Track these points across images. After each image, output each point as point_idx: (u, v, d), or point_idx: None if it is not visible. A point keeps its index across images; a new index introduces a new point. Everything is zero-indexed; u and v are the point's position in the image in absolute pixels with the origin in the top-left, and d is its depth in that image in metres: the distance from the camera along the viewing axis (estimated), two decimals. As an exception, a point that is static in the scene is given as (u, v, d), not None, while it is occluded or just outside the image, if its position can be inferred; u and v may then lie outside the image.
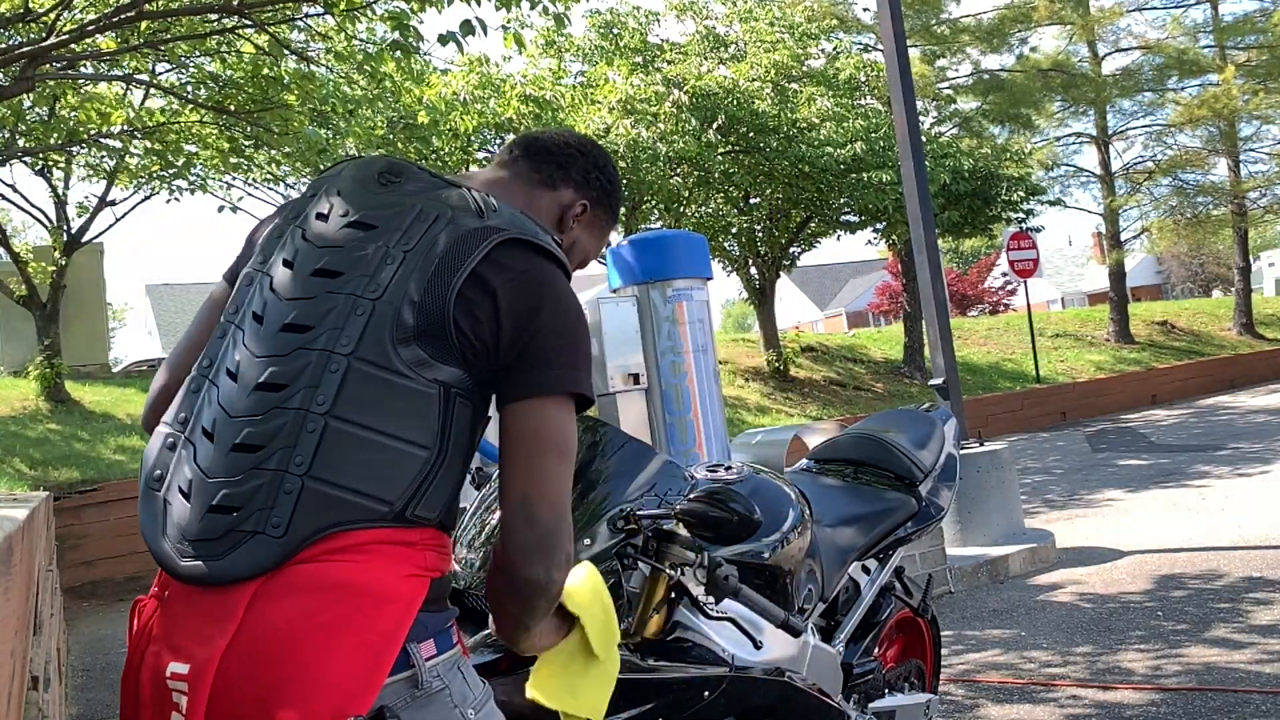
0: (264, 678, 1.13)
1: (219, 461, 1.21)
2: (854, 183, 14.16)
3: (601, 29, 14.78)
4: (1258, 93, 19.68)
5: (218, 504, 1.19)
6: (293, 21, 8.08)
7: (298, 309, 1.26)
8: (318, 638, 1.15)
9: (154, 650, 1.20)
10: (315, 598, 1.16)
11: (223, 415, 1.23)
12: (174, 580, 1.22)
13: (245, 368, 1.25)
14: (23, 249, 11.94)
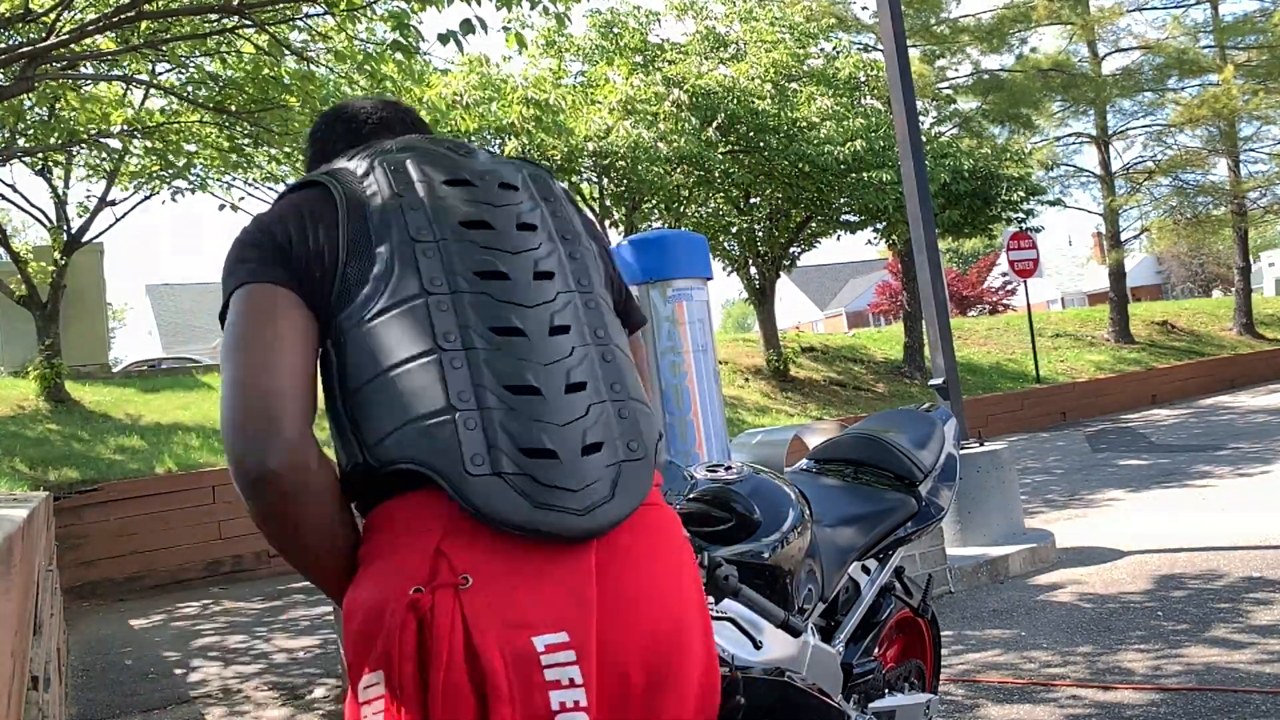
0: (643, 633, 1.12)
1: (559, 408, 1.17)
2: (854, 182, 14.16)
3: (602, 29, 14.78)
4: (1258, 93, 19.69)
5: (588, 445, 1.16)
6: (292, 21, 8.07)
7: (533, 258, 1.26)
8: (673, 582, 1.17)
9: (491, 636, 1.06)
10: (657, 541, 1.19)
11: (534, 366, 1.18)
12: (488, 553, 1.10)
13: (525, 319, 1.21)
14: (23, 249, 11.94)
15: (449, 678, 1.05)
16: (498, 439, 1.12)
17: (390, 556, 1.13)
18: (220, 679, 5.31)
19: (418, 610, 1.07)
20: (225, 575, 8.86)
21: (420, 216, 1.23)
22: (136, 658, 6.03)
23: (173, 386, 12.04)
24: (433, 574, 1.09)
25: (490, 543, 1.11)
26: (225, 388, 1.15)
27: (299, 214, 1.25)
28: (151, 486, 8.78)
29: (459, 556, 1.10)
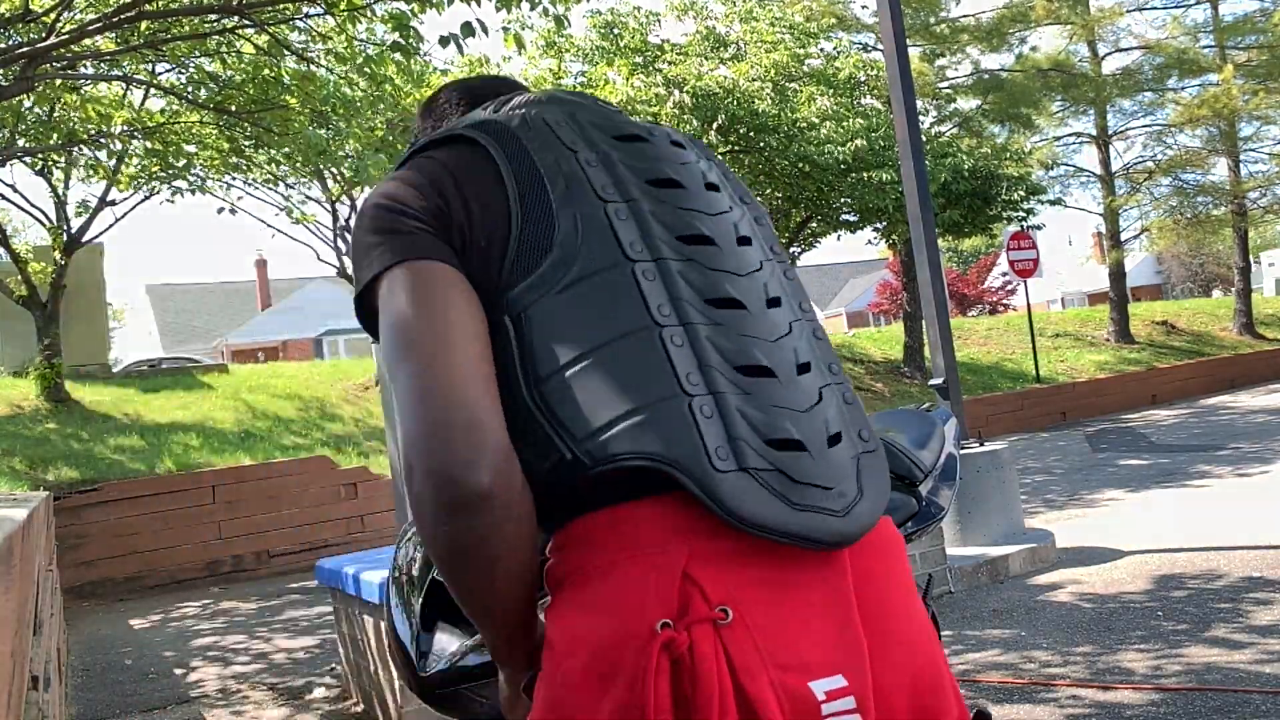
0: (907, 666, 0.94)
1: (794, 390, 0.99)
2: (854, 182, 14.17)
3: (602, 29, 14.79)
4: (1258, 93, 19.69)
5: (831, 435, 0.99)
6: (292, 22, 8.08)
7: (730, 221, 1.08)
8: (919, 613, 0.99)
9: (763, 681, 0.86)
10: (889, 556, 1.01)
11: (761, 343, 1.00)
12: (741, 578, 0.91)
13: (740, 289, 1.03)
14: (23, 249, 11.94)
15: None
16: (738, 428, 0.94)
17: (615, 580, 0.92)
18: (220, 679, 5.31)
19: (672, 651, 0.86)
20: (225, 575, 8.87)
21: (601, 173, 1.04)
22: (136, 658, 6.03)
23: (173, 386, 12.04)
24: (683, 606, 0.88)
25: (743, 567, 0.91)
26: (409, 395, 0.93)
27: (450, 174, 1.03)
28: (151, 486, 8.78)
29: (713, 584, 0.89)
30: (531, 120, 1.09)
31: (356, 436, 10.96)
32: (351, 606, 4.29)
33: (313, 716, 4.44)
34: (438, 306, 0.95)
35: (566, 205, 1.01)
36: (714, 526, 0.92)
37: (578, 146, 1.06)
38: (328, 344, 33.78)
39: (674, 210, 1.05)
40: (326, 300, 34.38)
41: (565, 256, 0.98)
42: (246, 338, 34.35)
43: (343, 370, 13.67)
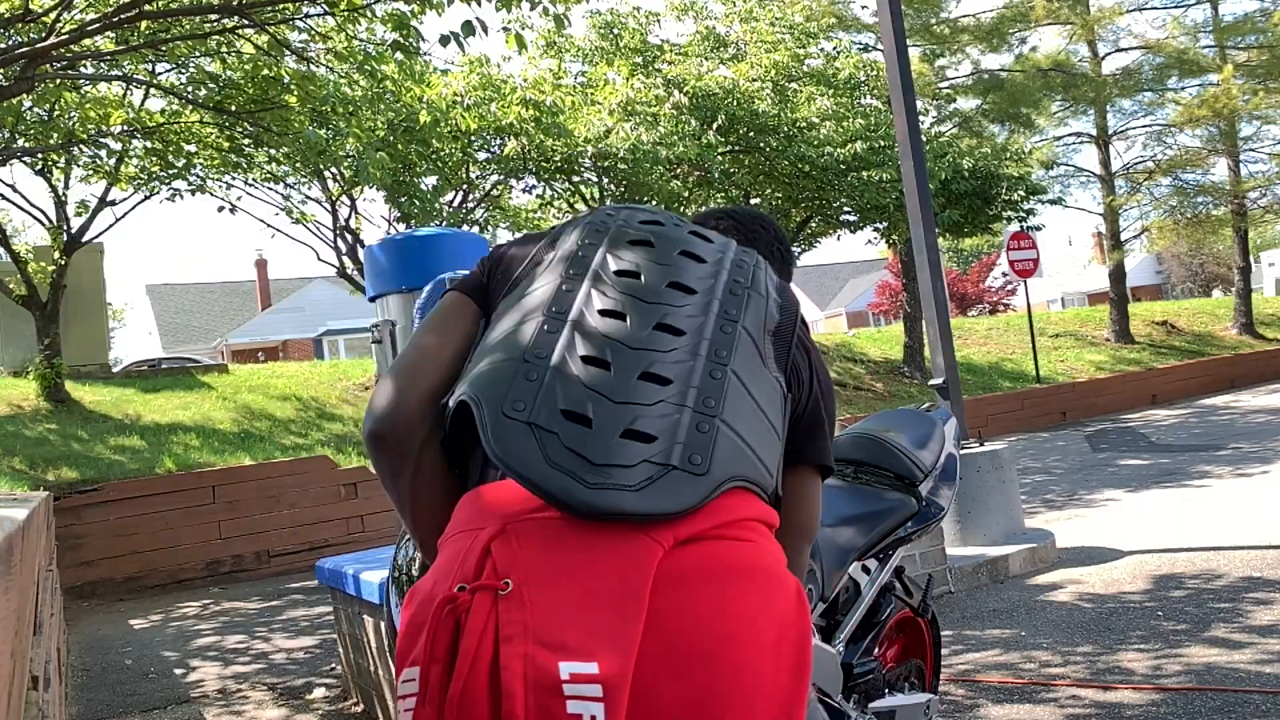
0: (693, 683, 0.99)
1: (624, 387, 1.12)
2: (854, 182, 14.17)
3: (602, 29, 14.79)
4: (1258, 93, 19.67)
5: (632, 428, 1.09)
6: (292, 22, 8.08)
7: (664, 310, 1.22)
8: (746, 637, 1.02)
9: (517, 651, 0.98)
10: (734, 585, 1.04)
11: (618, 345, 1.16)
12: (538, 556, 1.03)
13: (633, 310, 1.20)
14: (23, 249, 11.93)
15: (467, 688, 0.98)
16: (547, 396, 1.10)
17: (452, 545, 1.11)
18: (219, 679, 5.31)
19: (455, 609, 1.02)
20: (225, 575, 8.87)
21: (580, 267, 1.27)
22: (136, 658, 6.03)
23: (173, 386, 12.04)
24: (478, 573, 1.04)
25: (543, 549, 1.04)
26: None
27: (508, 248, 1.40)
28: (151, 486, 8.78)
29: (505, 558, 1.04)
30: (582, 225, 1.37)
31: (356, 436, 10.96)
32: (351, 606, 4.29)
33: (313, 716, 4.44)
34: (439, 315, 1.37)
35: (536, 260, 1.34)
36: (531, 510, 1.07)
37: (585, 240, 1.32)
38: (328, 344, 33.78)
39: (612, 291, 1.24)
40: (326, 300, 34.37)
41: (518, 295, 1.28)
42: (246, 338, 34.35)
43: (343, 370, 13.67)
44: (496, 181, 13.71)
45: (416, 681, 1.04)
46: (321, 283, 34.50)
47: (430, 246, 4.60)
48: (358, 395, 12.23)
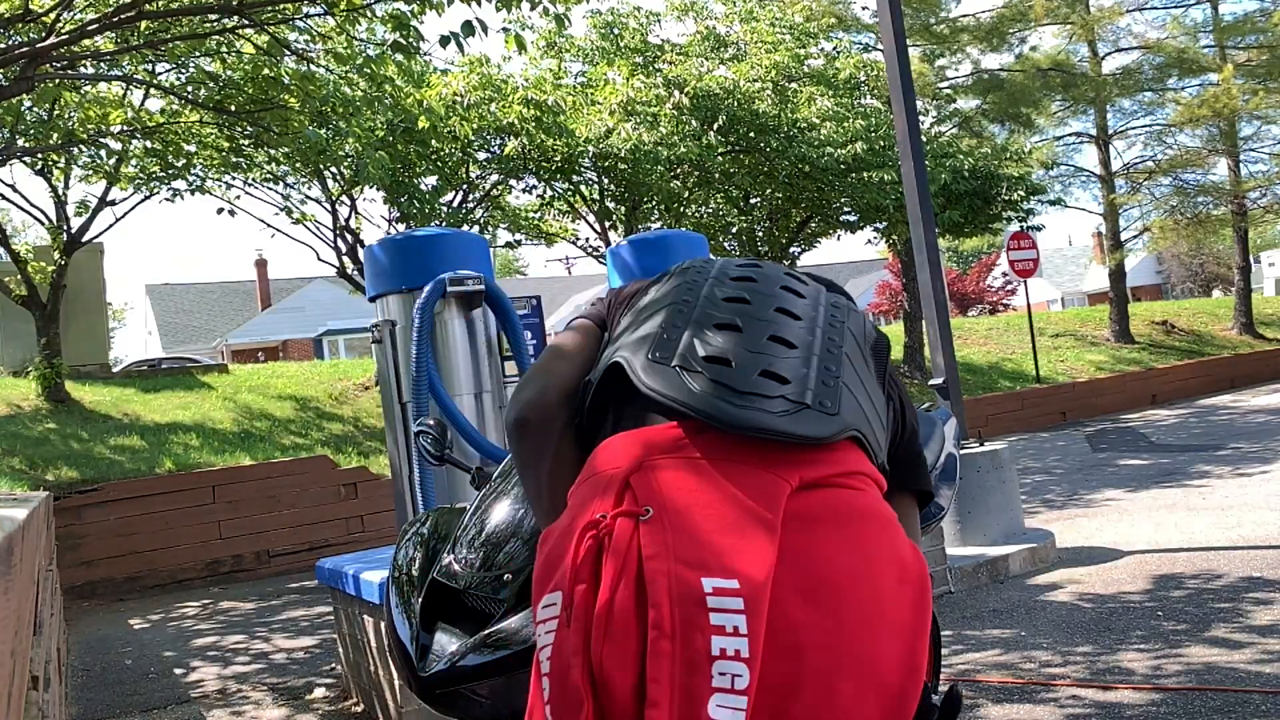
0: (822, 609, 1.06)
1: (754, 342, 1.26)
2: (854, 182, 14.16)
3: (602, 29, 14.78)
4: (1258, 93, 19.66)
5: (769, 369, 1.22)
6: (292, 22, 8.08)
7: (775, 326, 1.32)
8: (870, 574, 1.09)
9: (661, 568, 1.05)
10: (858, 527, 1.12)
11: (748, 318, 1.31)
12: (675, 489, 1.11)
13: (745, 324, 1.32)
14: (23, 249, 11.93)
15: (617, 601, 1.05)
16: (681, 347, 1.24)
17: (586, 487, 1.19)
18: (219, 679, 5.31)
19: (598, 531, 1.10)
20: (225, 575, 8.87)
21: (692, 291, 1.40)
22: (136, 658, 6.03)
23: (173, 386, 12.04)
24: (619, 502, 1.12)
25: (679, 481, 1.12)
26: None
27: (610, 297, 1.56)
28: (151, 486, 8.78)
29: (644, 489, 1.12)
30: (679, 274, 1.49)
31: (356, 436, 10.96)
32: (351, 606, 4.29)
33: (313, 716, 4.44)
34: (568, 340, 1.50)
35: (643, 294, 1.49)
36: (667, 449, 1.16)
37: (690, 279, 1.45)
38: (328, 344, 33.77)
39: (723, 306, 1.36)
40: (326, 300, 34.36)
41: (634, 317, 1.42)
42: (246, 338, 34.34)
43: (343, 370, 13.67)
44: (496, 181, 13.71)
45: (558, 605, 1.10)
46: (321, 283, 34.49)
47: (430, 246, 4.60)
48: (358, 395, 12.23)
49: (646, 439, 1.18)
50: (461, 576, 1.66)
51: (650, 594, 1.04)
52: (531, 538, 1.66)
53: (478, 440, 4.23)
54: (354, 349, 32.28)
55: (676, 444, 1.16)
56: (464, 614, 1.66)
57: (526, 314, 4.84)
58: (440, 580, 1.68)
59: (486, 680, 1.53)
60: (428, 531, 1.82)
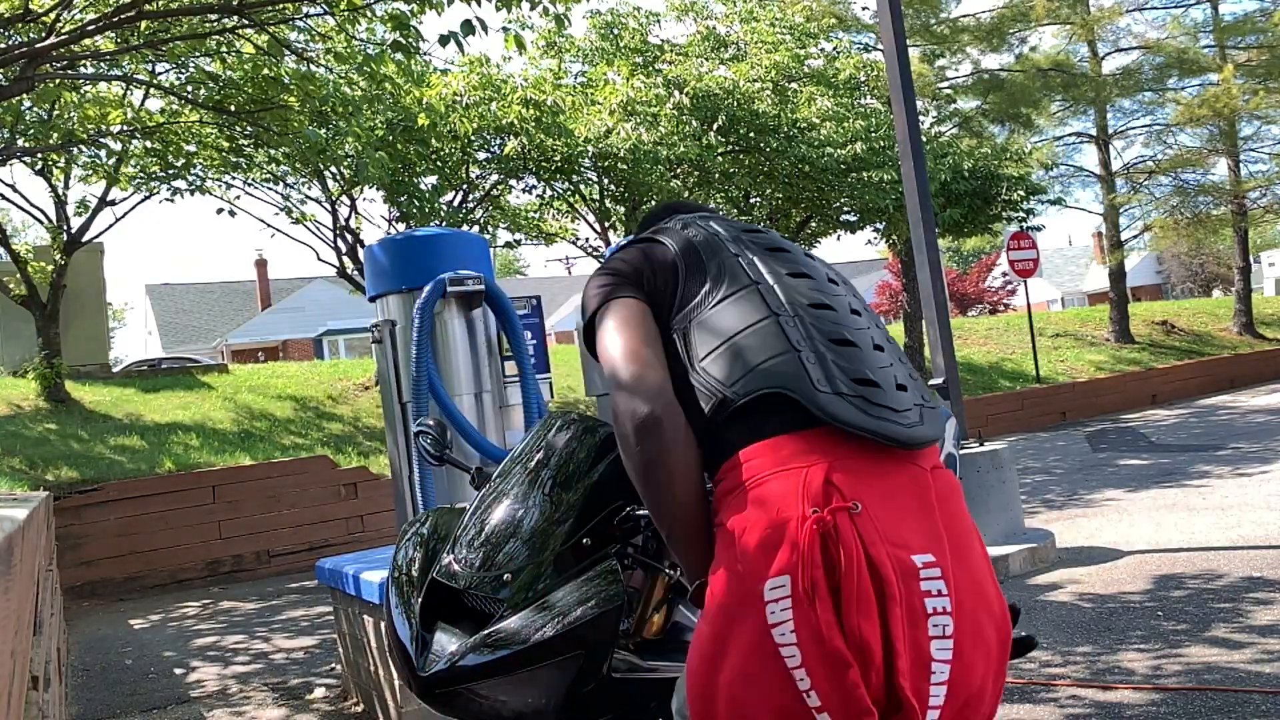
0: (968, 566, 1.36)
1: (870, 357, 1.47)
2: (854, 182, 14.16)
3: (602, 29, 14.78)
4: (1258, 92, 19.66)
5: (898, 383, 1.46)
6: (292, 22, 8.08)
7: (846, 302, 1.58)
8: (977, 535, 1.44)
9: (883, 552, 1.28)
10: (960, 496, 1.45)
11: (848, 329, 1.50)
12: (868, 485, 1.33)
13: (830, 299, 1.54)
14: (23, 249, 11.93)
15: (859, 582, 1.27)
16: (832, 372, 1.42)
17: (778, 483, 1.34)
18: (219, 679, 5.31)
19: (822, 527, 1.29)
20: (225, 575, 8.87)
21: (734, 244, 1.61)
22: (136, 658, 6.03)
23: (173, 386, 12.04)
24: (826, 499, 1.31)
25: (865, 479, 1.34)
26: (616, 366, 1.48)
27: (643, 255, 1.62)
28: (151, 486, 8.78)
29: (846, 486, 1.32)
30: (693, 224, 1.66)
31: (356, 436, 10.96)
32: (351, 606, 4.29)
33: (313, 716, 4.44)
34: (631, 318, 1.53)
35: (713, 261, 1.57)
36: (842, 451, 1.36)
37: (721, 229, 1.64)
38: (328, 344, 33.77)
39: (800, 286, 1.55)
40: (326, 300, 34.36)
41: (714, 288, 1.53)
42: (246, 338, 34.34)
43: (343, 370, 13.67)
44: (496, 181, 13.71)
45: (788, 586, 1.29)
46: (321, 283, 34.49)
47: (430, 246, 4.60)
48: (358, 395, 12.23)
49: (821, 445, 1.37)
50: (461, 576, 1.66)
51: (882, 573, 1.27)
52: (531, 538, 1.66)
53: (478, 440, 4.23)
54: (354, 349, 32.28)
55: (849, 448, 1.37)
56: (464, 614, 1.66)
57: (526, 314, 4.83)
58: (440, 580, 1.68)
59: (486, 680, 1.53)
60: (428, 531, 1.82)
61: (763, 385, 1.40)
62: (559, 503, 1.69)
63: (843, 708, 1.25)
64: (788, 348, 1.43)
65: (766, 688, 1.29)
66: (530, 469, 1.76)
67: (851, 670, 1.25)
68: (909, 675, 1.27)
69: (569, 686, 1.55)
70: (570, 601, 1.57)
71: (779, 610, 1.28)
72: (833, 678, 1.26)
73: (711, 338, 1.48)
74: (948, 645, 1.29)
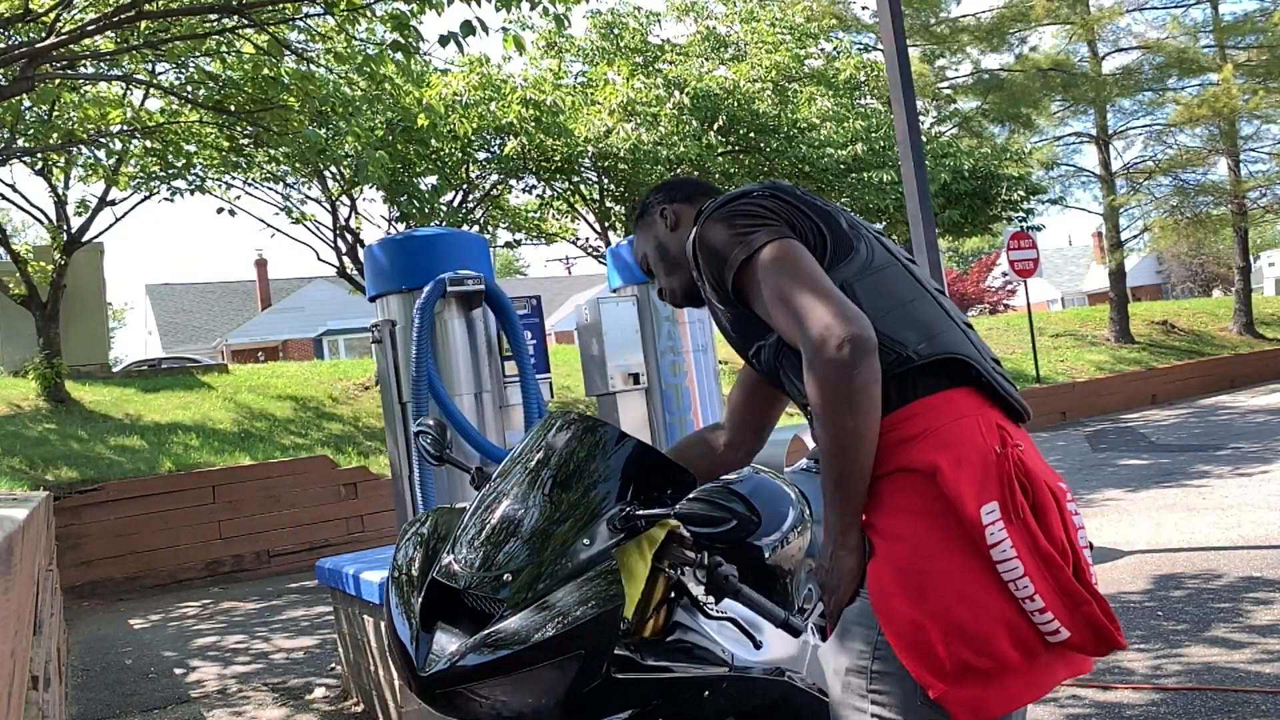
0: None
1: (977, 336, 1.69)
2: (854, 183, 14.17)
3: (602, 29, 14.78)
4: (1258, 92, 19.66)
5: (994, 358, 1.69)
6: (292, 22, 8.08)
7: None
8: None
9: (1049, 479, 1.53)
10: None
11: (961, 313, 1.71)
12: (1017, 430, 1.58)
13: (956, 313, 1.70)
14: (23, 249, 11.93)
15: (1047, 501, 1.48)
16: (981, 349, 1.62)
17: (963, 427, 1.52)
18: (219, 679, 5.31)
19: (1016, 458, 1.48)
20: (225, 575, 8.87)
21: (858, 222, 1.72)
22: (136, 658, 6.03)
23: (173, 386, 12.04)
24: (1002, 440, 1.50)
25: (1014, 425, 1.58)
26: (810, 295, 1.50)
27: (775, 202, 1.66)
28: (151, 486, 8.78)
29: (1011, 432, 1.54)
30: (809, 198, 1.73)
31: (356, 436, 10.96)
32: (351, 606, 4.29)
33: (313, 716, 4.44)
34: (807, 258, 1.56)
35: (852, 230, 1.65)
36: (995, 406, 1.57)
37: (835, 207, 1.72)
38: (328, 344, 33.77)
39: (890, 243, 1.72)
40: (326, 300, 34.36)
41: (866, 257, 1.62)
42: (246, 338, 34.34)
43: (343, 370, 13.67)
44: (496, 181, 13.71)
45: (998, 510, 1.44)
46: (321, 283, 34.50)
47: (430, 246, 4.60)
48: (357, 395, 12.23)
49: (982, 400, 1.58)
50: (461, 576, 1.66)
51: (1054, 491, 1.51)
52: (531, 538, 1.66)
53: (478, 440, 4.23)
54: (354, 349, 32.28)
55: (997, 405, 1.60)
56: (464, 614, 1.66)
57: (526, 314, 4.83)
58: (440, 580, 1.68)
59: (486, 680, 1.53)
60: (428, 531, 1.82)
61: (946, 349, 1.55)
62: (559, 503, 1.69)
63: (1066, 604, 1.43)
64: (953, 325, 1.60)
65: (992, 603, 1.42)
66: (530, 469, 1.76)
67: (1064, 570, 1.43)
68: (1086, 570, 1.49)
69: (569, 687, 1.55)
70: (570, 601, 1.57)
71: (996, 531, 1.42)
72: (1051, 580, 1.43)
73: (885, 300, 1.57)
74: (1087, 547, 1.54)
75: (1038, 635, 1.43)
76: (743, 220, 1.61)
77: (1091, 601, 1.44)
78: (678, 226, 1.91)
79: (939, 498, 1.46)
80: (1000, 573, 1.42)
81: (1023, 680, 1.43)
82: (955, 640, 1.40)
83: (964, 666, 1.40)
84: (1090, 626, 1.44)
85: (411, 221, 12.10)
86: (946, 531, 1.45)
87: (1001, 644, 1.40)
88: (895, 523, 1.49)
